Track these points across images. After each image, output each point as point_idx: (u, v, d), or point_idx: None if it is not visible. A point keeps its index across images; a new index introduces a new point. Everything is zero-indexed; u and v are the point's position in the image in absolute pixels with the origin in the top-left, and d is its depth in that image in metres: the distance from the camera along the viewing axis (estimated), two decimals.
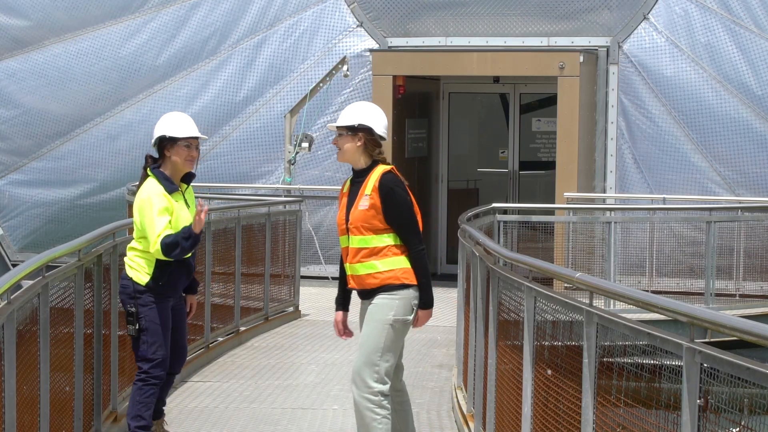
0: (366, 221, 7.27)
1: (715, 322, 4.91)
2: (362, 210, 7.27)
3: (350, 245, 7.32)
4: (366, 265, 7.30)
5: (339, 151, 7.48)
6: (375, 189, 7.28)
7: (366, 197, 7.27)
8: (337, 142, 7.50)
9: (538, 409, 7.02)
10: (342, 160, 7.53)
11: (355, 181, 7.44)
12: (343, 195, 7.52)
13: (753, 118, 17.82)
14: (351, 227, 7.30)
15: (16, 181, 20.19)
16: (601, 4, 18.39)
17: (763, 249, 15.64)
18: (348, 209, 7.36)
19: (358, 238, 7.29)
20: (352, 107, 7.77)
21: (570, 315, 6.50)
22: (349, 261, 7.36)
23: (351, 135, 7.46)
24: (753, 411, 4.61)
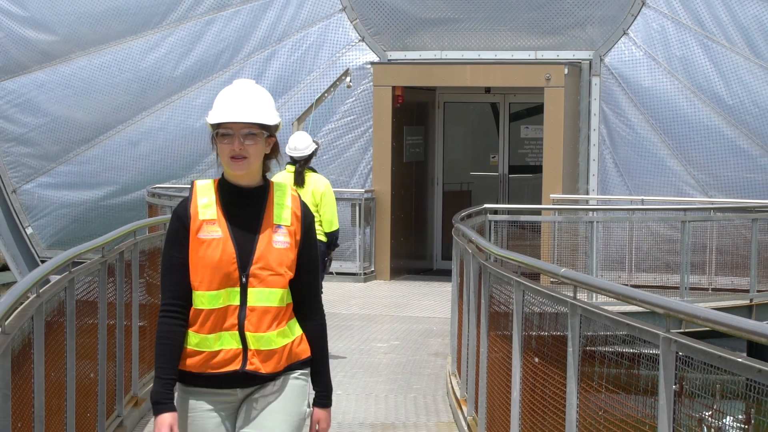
0: (285, 266, 4.47)
1: (690, 313, 4.91)
2: (281, 249, 4.47)
3: (249, 303, 4.41)
4: (283, 332, 4.50)
5: (243, 160, 4.40)
6: (297, 216, 4.54)
7: (282, 229, 4.50)
8: (245, 147, 4.40)
9: (526, 394, 7.02)
10: (246, 172, 4.45)
11: (238, 203, 4.49)
12: (209, 222, 4.44)
13: (724, 125, 17.81)
14: (256, 273, 4.42)
15: (45, 183, 20.18)
16: (585, 20, 18.37)
17: (734, 246, 15.63)
18: (243, 245, 4.43)
19: (268, 291, 4.44)
20: (250, 91, 4.53)
21: (555, 307, 6.50)
22: (253, 329, 4.40)
23: (266, 136, 4.49)
24: (724, 396, 4.61)
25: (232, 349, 4.38)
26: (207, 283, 4.34)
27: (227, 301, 4.37)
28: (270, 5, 19.19)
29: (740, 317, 4.51)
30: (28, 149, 20.09)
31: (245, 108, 4.39)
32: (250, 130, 4.37)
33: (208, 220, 4.40)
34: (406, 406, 10.13)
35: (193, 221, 4.40)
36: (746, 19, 17.63)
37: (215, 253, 4.34)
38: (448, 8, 18.76)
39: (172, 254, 4.41)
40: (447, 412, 9.93)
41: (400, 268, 18.83)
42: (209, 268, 4.34)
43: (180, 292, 4.37)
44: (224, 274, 4.35)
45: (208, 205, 4.44)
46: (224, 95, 4.48)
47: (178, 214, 4.44)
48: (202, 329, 4.37)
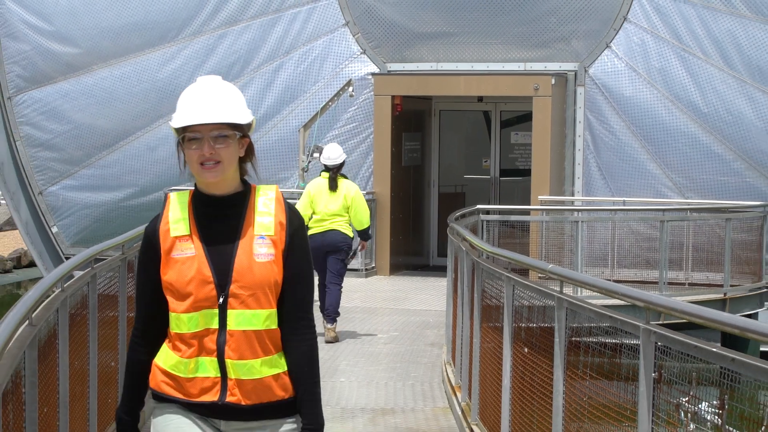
0: (269, 283, 3.67)
1: (668, 306, 4.91)
2: (264, 264, 3.66)
3: (228, 326, 3.64)
4: (270, 361, 3.68)
5: (215, 166, 3.65)
6: (281, 224, 3.71)
7: (263, 240, 3.69)
8: (216, 151, 3.64)
9: (516, 382, 7.02)
10: (220, 178, 3.68)
11: (214, 214, 3.72)
12: (181, 239, 3.69)
13: (700, 132, 17.81)
14: (236, 292, 3.64)
15: (69, 186, 20.18)
16: (570, 34, 18.37)
17: (709, 244, 15.63)
18: (220, 262, 3.66)
19: (250, 313, 3.64)
20: (217, 88, 3.74)
21: (543, 301, 6.50)
22: (233, 355, 3.64)
23: (239, 137, 3.71)
24: (700, 383, 4.61)
25: (209, 377, 3.63)
26: (183, 305, 3.63)
27: (205, 324, 3.62)
28: (278, 20, 19.20)
29: (715, 310, 4.52)
30: (54, 154, 20.09)
31: (213, 107, 3.65)
32: (221, 132, 3.63)
33: (181, 236, 3.67)
34: (404, 393, 10.13)
35: (163, 240, 3.68)
36: (720, 33, 17.64)
37: (189, 273, 3.61)
38: (443, 23, 18.77)
39: (142, 277, 3.78)
40: (442, 398, 9.94)
41: (399, 265, 18.83)
42: (182, 290, 3.62)
43: (147, 318, 3.75)
44: (201, 296, 3.61)
45: (180, 220, 3.69)
46: (188, 95, 3.74)
47: (147, 233, 3.75)
48: (179, 351, 3.65)
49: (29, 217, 20.49)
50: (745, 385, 4.09)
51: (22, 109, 20.00)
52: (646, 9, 17.98)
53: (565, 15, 18.32)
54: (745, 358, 3.96)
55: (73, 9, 19.76)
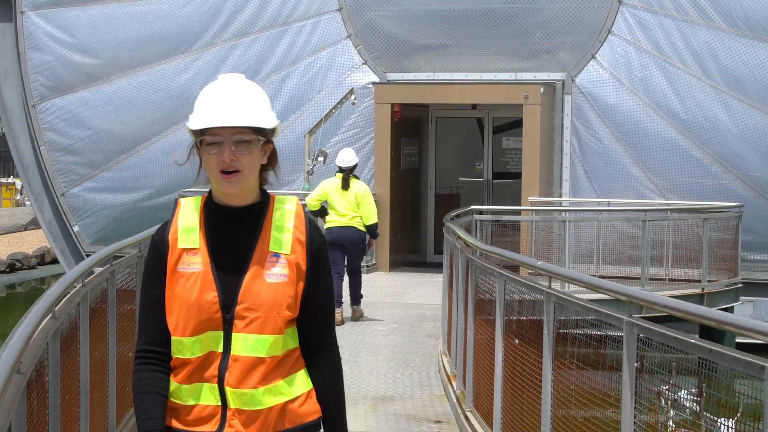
0: (279, 307, 3.14)
1: (649, 301, 4.91)
2: (276, 285, 3.14)
3: (233, 351, 3.13)
4: (274, 389, 3.17)
5: (235, 175, 3.12)
6: (300, 242, 3.18)
7: (279, 259, 3.16)
8: (238, 158, 3.12)
9: (507, 371, 7.02)
10: (240, 189, 3.15)
11: (226, 227, 3.19)
12: (189, 252, 3.16)
13: (679, 137, 17.82)
14: (242, 314, 3.12)
15: (89, 188, 20.18)
16: (558, 46, 18.38)
17: (688, 242, 15.62)
18: (227, 280, 3.14)
19: (254, 338, 3.13)
20: (241, 88, 3.19)
21: (533, 295, 6.50)
22: (233, 383, 3.13)
23: (262, 143, 3.20)
24: (679, 372, 4.61)
25: (209, 406, 3.12)
26: (183, 327, 3.10)
27: (209, 347, 3.10)
28: (285, 33, 19.20)
29: (693, 304, 4.52)
30: (75, 158, 20.10)
31: (236, 108, 3.10)
32: (243, 136, 3.10)
33: (189, 249, 3.13)
34: (403, 381, 10.13)
35: (171, 251, 3.14)
36: (698, 45, 17.64)
37: (192, 291, 3.08)
38: (440, 35, 18.77)
39: (148, 291, 3.19)
40: (438, 386, 9.93)
41: (398, 262, 18.83)
42: (185, 309, 3.09)
43: (159, 336, 3.16)
44: (204, 317, 3.09)
45: (190, 230, 3.14)
46: (208, 93, 3.15)
47: (155, 241, 3.19)
48: (177, 377, 3.15)
49: (52, 217, 20.50)
50: (722, 375, 4.09)
51: (45, 116, 20.01)
52: (629, 22, 17.98)
53: (554, 28, 18.33)
54: (721, 349, 3.96)
55: (94, 22, 19.77)
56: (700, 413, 4.63)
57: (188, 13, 19.50)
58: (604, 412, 5.28)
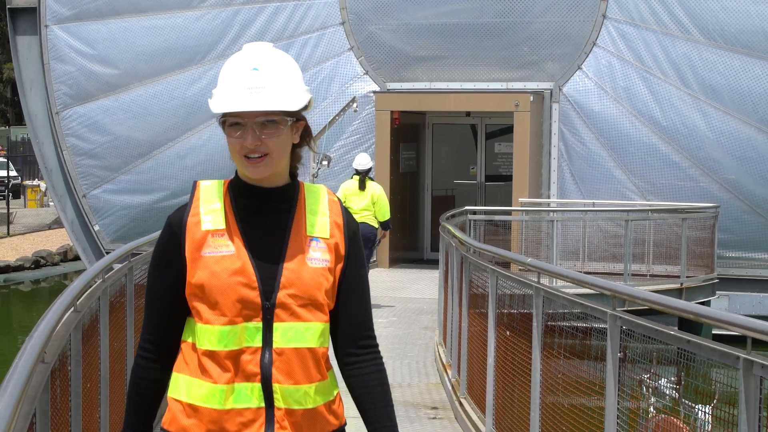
0: (320, 292, 2.64)
1: (631, 295, 4.91)
2: (318, 269, 2.65)
3: (275, 343, 2.58)
4: (322, 387, 2.65)
5: (262, 159, 2.59)
6: (338, 226, 2.71)
7: (318, 243, 2.67)
8: (264, 142, 2.59)
9: (499, 360, 7.01)
10: (268, 174, 2.62)
11: (257, 208, 2.68)
12: (216, 234, 2.63)
13: (659, 142, 17.82)
14: (286, 302, 2.59)
15: (109, 190, 20.19)
16: (546, 57, 18.38)
17: (668, 241, 15.62)
18: (266, 264, 2.61)
19: (303, 327, 2.61)
20: (268, 61, 2.64)
21: (523, 290, 6.49)
22: (283, 379, 2.57)
23: (291, 122, 2.68)
24: (660, 361, 4.61)
25: (251, 409, 2.54)
26: (219, 316, 2.55)
27: (244, 341, 2.54)
28: (292, 45, 19.19)
29: (672, 298, 4.52)
30: (96, 162, 20.10)
31: (261, 88, 2.57)
32: (268, 117, 2.57)
33: (215, 231, 2.59)
34: (402, 370, 10.13)
35: (190, 234, 2.60)
36: (677, 57, 17.65)
37: (226, 276, 2.55)
38: (436, 48, 18.78)
39: (156, 277, 2.68)
40: (435, 374, 9.93)
41: (397, 258, 18.83)
42: (219, 296, 2.54)
43: (161, 328, 2.67)
44: (241, 304, 2.54)
45: (214, 212, 2.62)
46: (232, 69, 2.63)
47: (170, 223, 2.67)
48: (210, 377, 2.55)
49: (74, 217, 20.50)
50: (699, 364, 4.09)
51: (68, 123, 20.01)
52: (612, 35, 17.98)
53: (542, 41, 18.33)
54: (699, 340, 3.96)
55: (113, 35, 19.78)
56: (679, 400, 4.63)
57: (201, 27, 19.50)
58: (589, 399, 5.28)
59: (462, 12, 18.49)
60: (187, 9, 19.55)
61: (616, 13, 17.94)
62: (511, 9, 18.32)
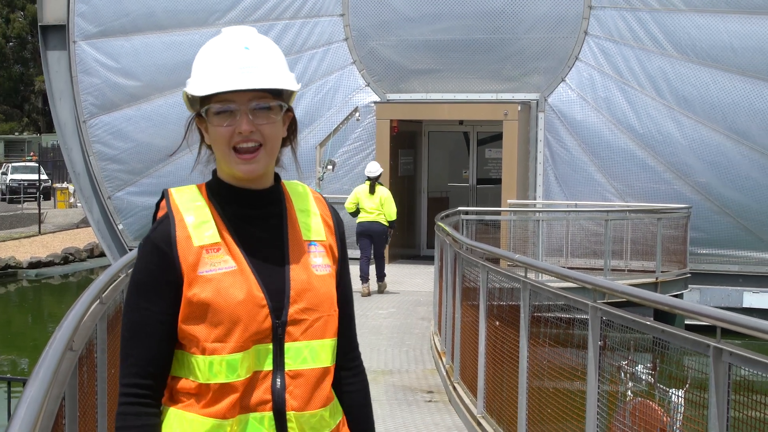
0: (332, 303, 2.15)
1: (611, 288, 4.91)
2: (324, 278, 2.15)
3: (288, 365, 2.07)
4: (334, 407, 2.19)
5: (256, 152, 2.11)
6: (329, 225, 2.23)
7: (317, 248, 2.18)
8: (259, 129, 2.11)
9: (489, 348, 7.01)
10: (263, 169, 2.14)
11: (249, 215, 2.15)
12: (211, 248, 2.07)
13: (636, 148, 17.82)
14: (298, 317, 2.08)
15: (132, 192, 20.19)
16: (533, 70, 18.38)
17: (644, 239, 15.62)
18: (271, 277, 2.09)
19: (318, 344, 2.10)
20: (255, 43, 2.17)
21: (511, 284, 6.49)
22: (298, 405, 2.07)
23: (282, 111, 2.18)
24: (637, 349, 4.61)
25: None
26: (224, 343, 2.03)
27: (254, 366, 2.06)
28: (299, 59, 19.20)
29: (648, 291, 4.52)
30: (120, 166, 20.11)
31: (253, 67, 2.08)
32: (262, 102, 2.10)
33: (209, 245, 2.08)
34: (400, 357, 10.12)
35: (183, 251, 2.07)
36: (653, 70, 17.65)
37: (234, 295, 2.04)
38: (432, 62, 18.78)
39: (145, 308, 2.09)
40: (430, 361, 9.93)
41: (396, 255, 18.81)
42: (229, 320, 2.03)
43: (156, 366, 2.09)
44: (250, 325, 2.05)
45: (203, 223, 2.11)
46: (213, 51, 2.16)
47: (156, 244, 2.10)
48: (214, 410, 2.05)
49: (100, 217, 20.51)
50: (673, 352, 4.09)
51: (94, 131, 20.01)
52: (593, 50, 17.98)
53: (529, 55, 18.33)
54: (672, 329, 3.96)
55: (136, 50, 19.78)
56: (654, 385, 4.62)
57: None
58: (572, 384, 5.28)
59: (455, 29, 18.49)
60: (203, 26, 19.55)
61: (596, 30, 17.93)
62: (500, 26, 18.32)
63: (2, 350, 18.18)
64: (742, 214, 17.37)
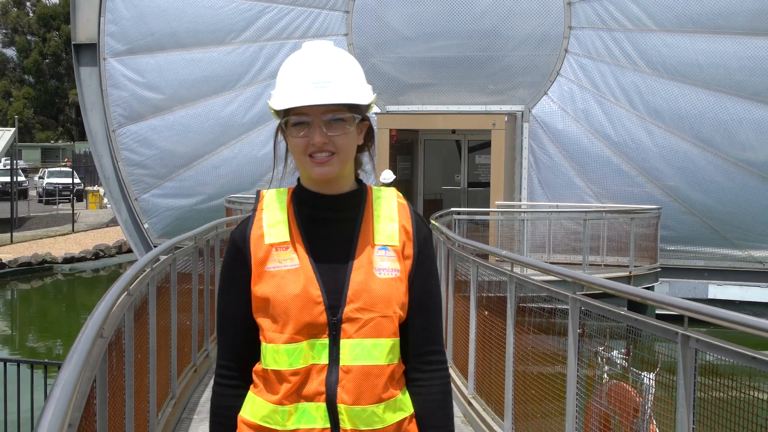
0: (394, 306, 2.04)
1: (589, 281, 4.90)
2: (388, 281, 2.04)
3: (342, 361, 2.00)
4: (394, 404, 2.05)
5: (329, 159, 2.03)
6: (407, 232, 2.11)
7: (387, 252, 2.07)
8: (332, 140, 2.02)
9: (479, 335, 7.01)
10: (336, 174, 2.06)
11: (322, 218, 2.09)
12: (280, 247, 2.06)
13: (612, 155, 17.82)
14: (353, 316, 2.02)
15: (156, 194, 20.19)
16: (518, 85, 18.38)
17: (618, 236, 15.62)
18: (331, 277, 2.04)
19: (371, 343, 2.02)
20: (331, 57, 2.06)
21: (499, 277, 6.49)
22: (349, 399, 2.00)
23: (357, 122, 2.08)
24: (612, 336, 4.61)
25: (315, 429, 2.02)
26: (282, 334, 2.03)
27: (310, 359, 2.02)
28: None
29: (623, 284, 4.52)
30: (145, 171, 20.10)
31: (327, 83, 2.02)
32: (336, 114, 2.03)
33: (279, 243, 2.07)
34: None
35: (255, 248, 2.08)
36: (627, 84, 17.65)
37: (291, 291, 2.02)
38: (427, 77, 18.78)
39: (227, 300, 2.13)
40: None
41: None
42: (283, 313, 2.02)
43: (239, 352, 2.13)
44: (305, 320, 2.02)
45: (278, 223, 2.09)
46: (293, 66, 2.09)
47: (235, 241, 2.12)
48: (273, 396, 2.05)
49: (128, 217, 20.51)
50: (645, 338, 4.09)
51: (122, 139, 20.02)
52: (573, 66, 17.99)
53: (515, 71, 18.33)
54: (644, 318, 3.96)
55: (160, 67, 19.78)
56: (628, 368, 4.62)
57: (233, 60, 19.50)
58: (553, 368, 5.28)
59: (449, 47, 18.49)
60: (221, 45, 19.56)
61: (576, 48, 17.93)
62: (489, 45, 18.32)
63: (39, 337, 18.19)
64: (708, 214, 17.37)
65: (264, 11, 19.32)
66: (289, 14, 19.24)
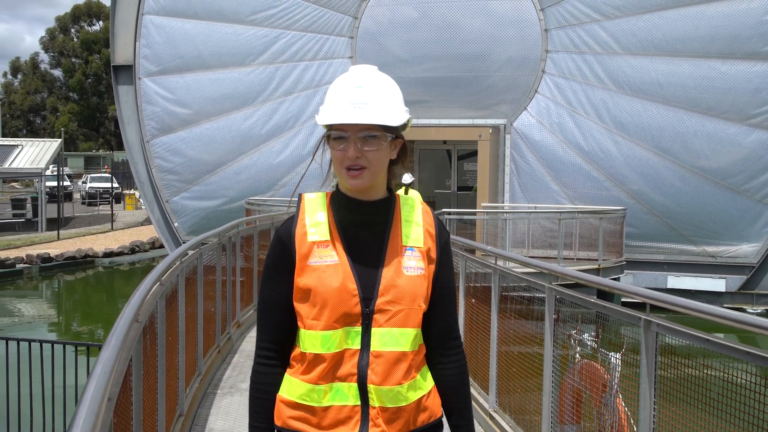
0: (421, 298, 2.10)
1: (563, 273, 4.90)
2: (414, 277, 2.09)
3: (373, 347, 2.04)
4: (414, 384, 2.11)
5: (360, 172, 2.08)
6: (431, 235, 2.16)
7: (413, 252, 2.12)
8: (364, 155, 2.08)
9: (468, 321, 7.01)
10: (367, 185, 2.10)
11: (358, 221, 2.13)
12: (321, 245, 2.09)
13: (583, 163, 17.81)
14: (384, 308, 2.05)
15: (185, 197, 20.18)
16: (501, 101, 18.37)
17: (589, 234, 15.62)
18: (366, 273, 2.07)
19: (398, 332, 2.06)
20: (371, 81, 2.13)
21: (484, 269, 6.48)
22: (377, 380, 2.04)
23: (391, 139, 2.13)
24: (583, 321, 4.61)
25: (347, 406, 2.05)
26: (321, 321, 2.06)
27: (344, 344, 2.06)
28: (317, 92, 19.20)
29: (592, 275, 4.51)
30: (175, 177, 20.09)
31: (364, 104, 2.07)
32: (370, 132, 2.08)
33: (320, 242, 2.10)
34: None
35: (299, 244, 2.10)
36: (596, 101, 17.65)
37: (331, 283, 2.05)
38: (421, 94, 18.77)
39: (270, 288, 2.14)
40: None
41: None
42: (322, 303, 2.05)
43: (279, 335, 2.14)
44: (342, 310, 2.05)
45: (320, 224, 2.13)
46: (339, 87, 2.11)
47: (280, 237, 2.14)
48: (310, 377, 2.07)
49: (160, 217, 20.50)
50: (612, 323, 4.09)
51: (155, 149, 20.00)
52: (549, 85, 17.98)
53: (498, 89, 18.33)
54: (612, 305, 3.96)
55: (188, 85, 19.77)
56: (597, 349, 4.62)
57: (252, 79, 19.50)
58: (532, 348, 5.28)
59: (440, 68, 18.49)
60: (241, 66, 19.55)
61: (552, 69, 17.93)
62: (475, 66, 18.31)
63: (82, 322, 18.19)
64: (667, 214, 17.37)
65: (279, 37, 19.32)
66: (300, 39, 19.24)
